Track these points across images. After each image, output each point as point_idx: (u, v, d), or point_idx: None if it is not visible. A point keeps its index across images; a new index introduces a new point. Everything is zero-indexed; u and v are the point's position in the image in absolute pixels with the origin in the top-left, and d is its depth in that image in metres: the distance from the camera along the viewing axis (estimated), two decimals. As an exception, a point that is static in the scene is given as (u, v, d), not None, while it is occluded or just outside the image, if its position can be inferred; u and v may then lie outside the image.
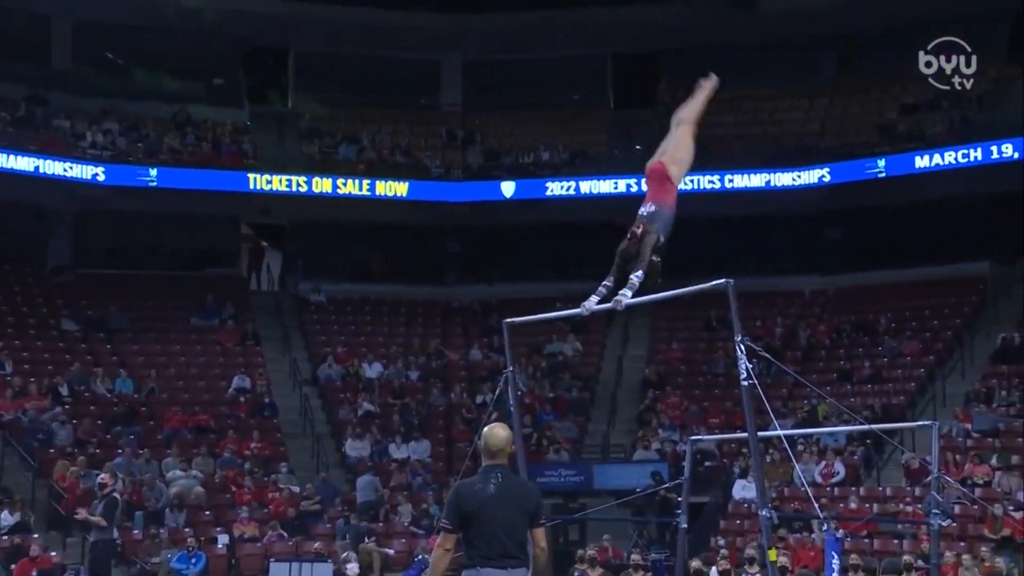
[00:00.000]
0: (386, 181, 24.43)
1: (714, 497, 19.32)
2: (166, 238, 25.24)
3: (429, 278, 26.13)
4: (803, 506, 16.83)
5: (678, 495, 10.93)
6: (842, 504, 17.59)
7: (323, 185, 24.13)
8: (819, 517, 14.04)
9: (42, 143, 22.83)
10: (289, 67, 27.19)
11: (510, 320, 8.78)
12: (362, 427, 20.87)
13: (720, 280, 7.13)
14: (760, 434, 7.41)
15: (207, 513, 18.18)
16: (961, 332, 22.21)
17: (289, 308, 25.00)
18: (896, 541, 16.56)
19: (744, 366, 6.83)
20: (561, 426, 21.49)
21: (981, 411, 19.22)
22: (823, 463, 18.98)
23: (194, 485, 18.54)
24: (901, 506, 17.06)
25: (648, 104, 27.17)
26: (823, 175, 23.51)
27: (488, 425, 5.98)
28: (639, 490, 16.34)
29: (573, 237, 25.47)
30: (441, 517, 5.91)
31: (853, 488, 18.36)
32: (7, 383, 19.95)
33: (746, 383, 6.78)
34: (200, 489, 18.50)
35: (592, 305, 7.60)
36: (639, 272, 7.37)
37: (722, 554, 14.05)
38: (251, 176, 23.86)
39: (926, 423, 9.08)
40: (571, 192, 24.54)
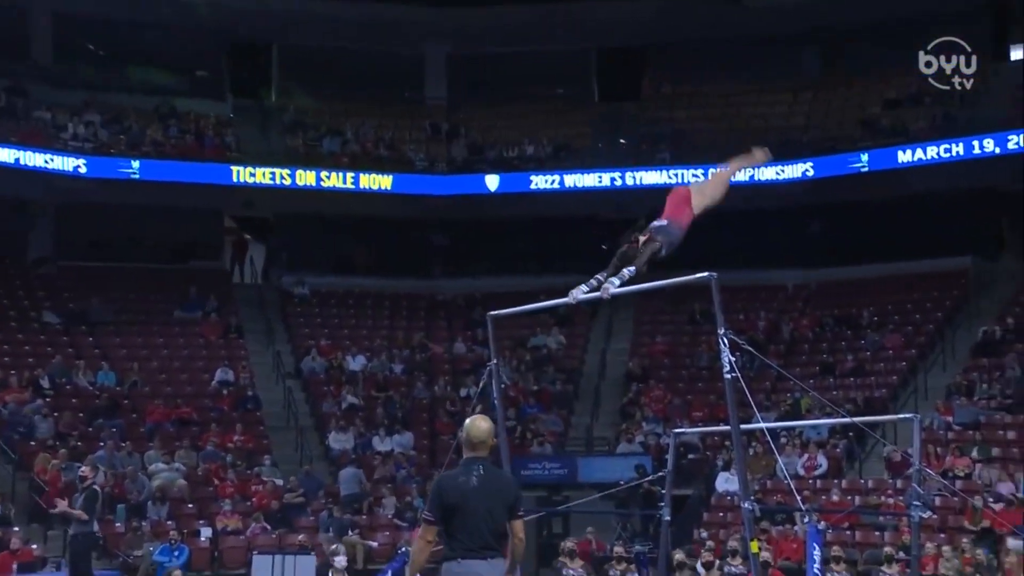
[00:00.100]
0: (370, 174, 24.39)
1: (697, 490, 19.40)
2: (149, 231, 25.13)
3: (413, 271, 26.11)
4: (786, 499, 16.90)
5: (661, 488, 10.97)
6: (824, 496, 17.70)
7: (307, 178, 24.07)
8: (801, 509, 14.12)
9: (23, 135, 22.68)
10: (273, 60, 27.08)
11: (494, 312, 8.77)
12: (346, 420, 20.85)
13: (703, 273, 7.16)
14: (743, 427, 7.44)
15: (190, 506, 18.14)
16: (943, 326, 22.36)
17: (273, 301, 24.95)
18: (877, 533, 16.67)
19: (727, 359, 6.86)
20: (545, 419, 21.53)
21: (962, 404, 19.36)
22: (806, 456, 19.08)
23: (177, 478, 18.49)
24: (883, 498, 17.17)
25: (632, 98, 27.23)
26: (807, 169, 23.59)
27: (470, 417, 6.01)
28: (623, 483, 16.39)
29: (557, 231, 25.50)
30: (423, 509, 5.92)
31: (835, 480, 18.47)
32: (-12, 376, 19.86)
33: (729, 376, 6.80)
34: (183, 482, 18.46)
35: (579, 294, 7.64)
36: (632, 268, 7.44)
37: (708, 546, 14.11)
38: (234, 169, 23.77)
39: (908, 416, 9.15)
40: (555, 186, 24.55)
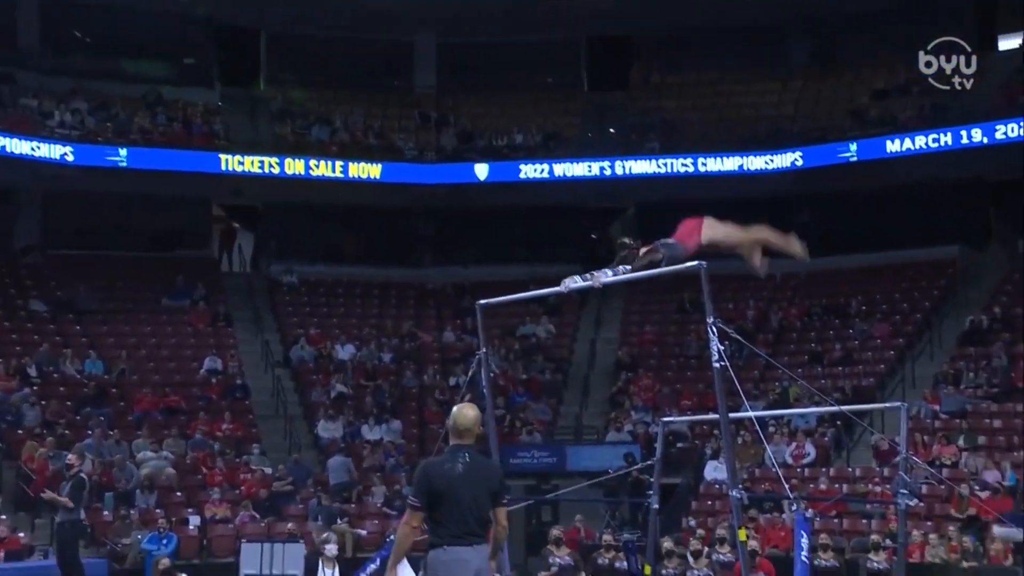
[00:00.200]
0: (359, 163, 24.32)
1: (686, 478, 19.46)
2: (136, 219, 25.01)
3: (402, 260, 26.08)
4: (774, 487, 16.97)
5: (650, 476, 10.99)
6: (812, 485, 17.77)
7: (296, 167, 23.98)
8: (789, 497, 14.18)
9: (10, 122, 22.52)
10: (261, 48, 26.96)
11: (484, 301, 8.75)
12: (335, 408, 20.84)
13: (693, 263, 7.16)
14: (731, 416, 7.47)
15: (178, 494, 18.11)
16: (930, 315, 22.45)
17: (261, 290, 24.89)
18: (865, 521, 16.76)
19: (716, 348, 6.87)
20: (534, 408, 21.56)
21: (949, 393, 19.46)
22: (794, 444, 19.15)
23: (165, 466, 18.47)
24: (870, 486, 17.25)
25: (622, 87, 27.20)
26: (795, 159, 23.63)
27: (457, 405, 6.03)
28: (611, 471, 16.42)
29: (547, 219, 25.50)
30: (408, 495, 5.95)
31: (823, 469, 18.55)
32: (-25, 364, 19.78)
33: (718, 365, 6.82)
34: (171, 470, 18.43)
35: (572, 283, 7.67)
36: (628, 267, 7.51)
37: (698, 534, 14.16)
38: (223, 157, 23.67)
39: (895, 404, 9.18)
40: (545, 175, 24.53)
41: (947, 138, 22.20)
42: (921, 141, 22.47)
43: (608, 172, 24.37)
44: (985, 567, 14.70)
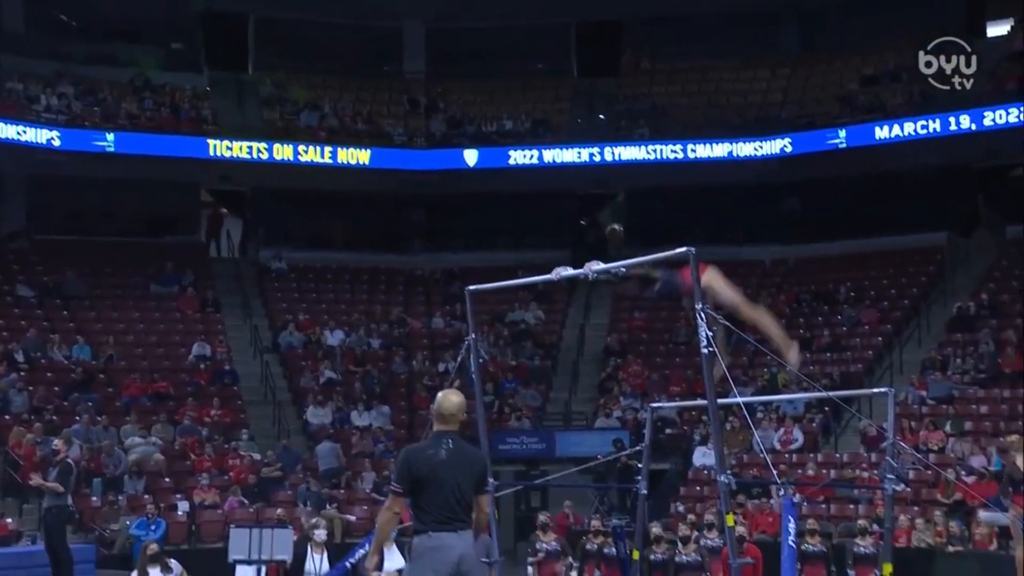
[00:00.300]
0: (348, 149, 24.23)
1: (674, 464, 19.52)
2: (124, 204, 24.91)
3: (391, 246, 26.04)
4: (762, 472, 17.03)
5: (639, 462, 11.00)
6: (800, 470, 17.84)
7: (284, 152, 23.89)
8: (777, 483, 14.24)
9: (-5, 106, 22.43)
10: (249, 33, 26.80)
11: (473, 287, 8.73)
12: (324, 395, 20.83)
13: (682, 248, 7.16)
14: (720, 401, 7.45)
15: (167, 480, 18.11)
16: (918, 301, 22.53)
17: (250, 275, 24.83)
18: (852, 506, 16.84)
19: (705, 334, 6.86)
20: (523, 394, 21.58)
21: (936, 378, 19.54)
22: (782, 430, 19.22)
23: (153, 452, 18.45)
24: (857, 472, 17.33)
25: (611, 73, 27.12)
26: (784, 145, 23.63)
27: (442, 391, 6.04)
28: (600, 457, 16.45)
29: (536, 206, 25.47)
30: (391, 481, 5.97)
31: (811, 455, 18.63)
32: (-38, 350, 19.72)
33: (706, 351, 6.81)
34: (159, 456, 18.41)
35: (563, 271, 7.69)
36: (623, 269, 7.54)
37: (689, 520, 14.23)
38: (211, 142, 23.55)
39: (882, 390, 9.19)
40: (534, 161, 24.48)
41: (935, 125, 22.21)
42: (910, 128, 22.49)
43: (597, 158, 24.35)
44: (970, 551, 14.81)
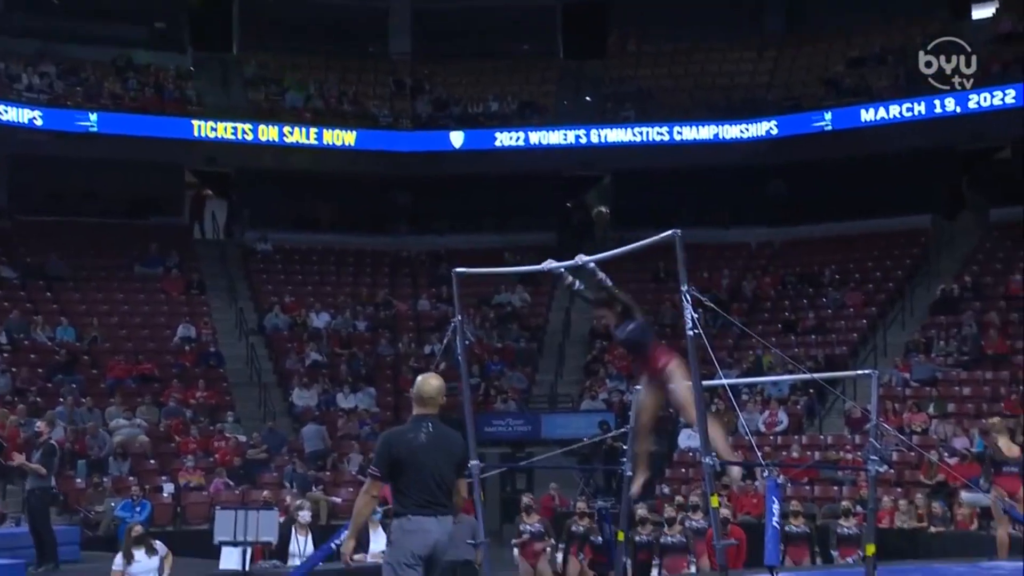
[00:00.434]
0: (333, 130, 24.15)
1: (659, 446, 19.53)
2: (107, 185, 24.77)
3: (377, 228, 25.98)
4: (746, 454, 17.08)
5: (624, 444, 11.02)
6: (784, 452, 17.93)
7: (269, 133, 23.79)
8: (762, 465, 14.29)
9: (-24, 85, 22.24)
10: (234, 12, 26.62)
11: (460, 270, 8.72)
12: (309, 376, 20.81)
13: (668, 231, 7.16)
14: (705, 384, 7.45)
15: (152, 462, 18.06)
16: (902, 284, 22.62)
17: (235, 257, 24.74)
18: (836, 487, 16.93)
19: (690, 316, 6.87)
20: (509, 376, 21.61)
21: (920, 361, 19.65)
22: (767, 412, 19.31)
23: (138, 434, 18.40)
24: (841, 453, 17.42)
25: (598, 55, 27.08)
26: (770, 128, 23.67)
27: (422, 374, 6.04)
28: (586, 439, 16.50)
29: (522, 188, 25.43)
30: (370, 464, 5.97)
31: (796, 436, 18.72)
32: (-55, 332, 19.60)
33: (692, 333, 6.81)
34: (144, 438, 18.36)
35: (553, 263, 7.71)
36: (608, 281, 7.64)
37: (676, 501, 14.30)
38: (195, 123, 23.44)
39: (866, 372, 9.20)
40: (520, 143, 24.45)
41: (921, 107, 22.27)
42: (895, 110, 22.55)
43: (584, 140, 24.33)
44: (952, 532, 14.93)
